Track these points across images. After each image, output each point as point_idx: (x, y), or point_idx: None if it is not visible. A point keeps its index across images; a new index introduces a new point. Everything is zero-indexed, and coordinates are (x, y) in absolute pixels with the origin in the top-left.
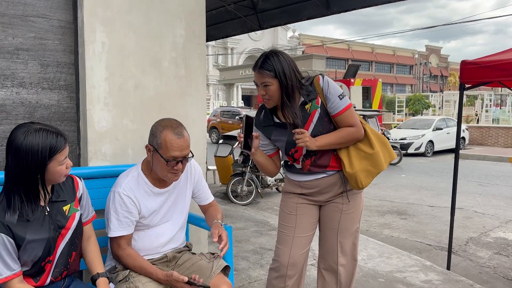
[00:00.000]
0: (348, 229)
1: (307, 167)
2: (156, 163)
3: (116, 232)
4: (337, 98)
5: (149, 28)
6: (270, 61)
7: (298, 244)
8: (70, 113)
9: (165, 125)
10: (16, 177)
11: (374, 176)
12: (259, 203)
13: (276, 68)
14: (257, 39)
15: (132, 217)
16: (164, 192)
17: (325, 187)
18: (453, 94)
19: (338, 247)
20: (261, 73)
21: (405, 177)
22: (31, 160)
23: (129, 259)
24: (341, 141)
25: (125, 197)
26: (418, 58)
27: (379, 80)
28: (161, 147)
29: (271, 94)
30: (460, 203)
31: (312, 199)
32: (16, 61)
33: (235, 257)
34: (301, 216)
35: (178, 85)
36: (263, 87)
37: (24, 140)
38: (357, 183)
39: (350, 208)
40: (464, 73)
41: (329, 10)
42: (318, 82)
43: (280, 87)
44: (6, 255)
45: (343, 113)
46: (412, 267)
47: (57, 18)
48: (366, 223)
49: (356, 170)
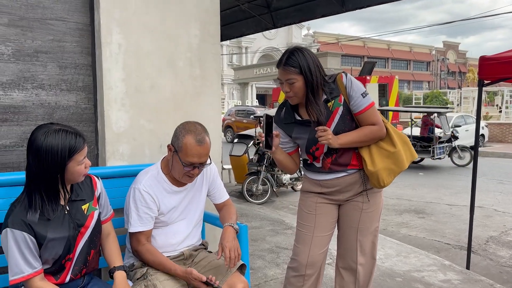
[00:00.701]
0: (367, 228)
1: (327, 166)
2: (175, 164)
3: (136, 228)
4: (360, 96)
5: (164, 28)
6: (295, 57)
7: (317, 244)
8: (88, 114)
9: (189, 130)
10: (37, 177)
11: (396, 175)
12: (274, 202)
13: (302, 64)
14: (272, 38)
15: (151, 213)
16: (182, 190)
17: (345, 186)
18: (471, 91)
19: (357, 246)
20: (286, 69)
21: (423, 175)
22: (51, 160)
23: (148, 254)
24: (364, 139)
25: (145, 194)
26: (435, 54)
27: (395, 77)
28: (181, 150)
29: (296, 91)
30: (480, 202)
31: (332, 198)
32: (36, 64)
33: (251, 256)
34: (320, 215)
35: (193, 85)
36: (288, 84)
37: (44, 140)
38: (378, 182)
39: (370, 206)
40: (482, 69)
41: (343, 7)
42: (341, 79)
43: (305, 83)
44: (28, 254)
45: (365, 111)
46: (430, 266)
47: (74, 20)
48: (384, 222)
49: (378, 169)
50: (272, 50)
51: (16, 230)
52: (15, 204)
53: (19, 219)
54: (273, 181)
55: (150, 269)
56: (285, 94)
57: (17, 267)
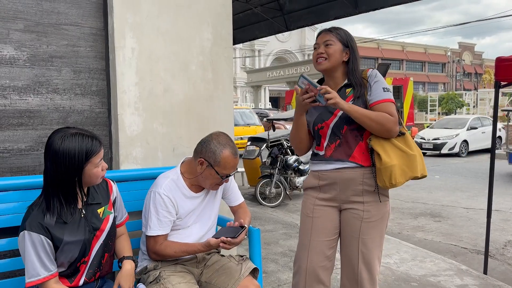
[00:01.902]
0: (370, 239)
1: (329, 152)
2: (208, 176)
3: (156, 231)
4: (381, 89)
5: (177, 32)
6: (342, 30)
7: (315, 249)
8: (102, 117)
9: (225, 144)
10: (54, 181)
11: (407, 179)
12: (287, 205)
13: (346, 36)
14: (284, 41)
15: (171, 217)
16: (199, 196)
17: (343, 180)
18: (488, 92)
19: (359, 257)
20: (327, 33)
21: (439, 178)
22: (68, 163)
23: (168, 249)
24: (373, 118)
25: (166, 198)
26: (450, 55)
27: (410, 78)
28: (219, 165)
29: (330, 52)
30: (497, 205)
31: (329, 198)
32: (50, 68)
33: (264, 259)
34: (317, 219)
35: (205, 89)
36: (324, 46)
37: (62, 144)
38: (390, 178)
39: (371, 216)
40: (499, 70)
41: (357, 9)
42: (367, 72)
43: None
44: (44, 256)
45: (383, 103)
46: (447, 271)
47: (88, 25)
48: (399, 225)
49: (395, 164)
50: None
51: (34, 232)
52: (33, 207)
53: (37, 222)
54: (286, 184)
55: (162, 272)
56: (316, 57)
57: (34, 269)
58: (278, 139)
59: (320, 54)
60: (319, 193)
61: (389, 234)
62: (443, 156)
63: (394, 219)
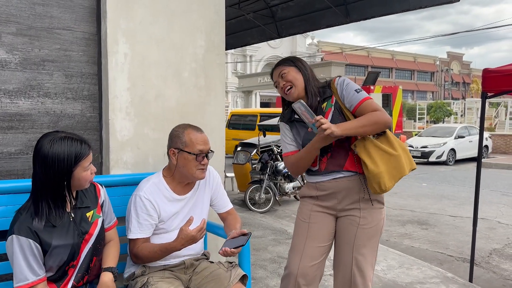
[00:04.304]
0: (365, 246)
1: (323, 166)
2: (184, 163)
3: (136, 234)
4: (354, 92)
5: (170, 39)
6: (285, 59)
7: (308, 254)
8: (93, 122)
9: (185, 126)
10: (44, 185)
11: (397, 180)
12: (277, 211)
13: (291, 59)
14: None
15: (152, 220)
16: (183, 199)
17: (341, 189)
18: (475, 102)
19: (353, 264)
20: (276, 69)
21: (426, 186)
22: (58, 167)
23: (144, 249)
24: (365, 123)
25: (146, 200)
26: (439, 64)
27: (399, 87)
28: (187, 144)
29: (290, 79)
30: (483, 213)
31: (327, 206)
32: (42, 72)
33: (253, 265)
34: (314, 224)
35: (197, 95)
36: (281, 78)
37: (51, 148)
38: (379, 185)
39: (367, 223)
40: (486, 81)
41: (348, 18)
42: (334, 82)
43: (300, 72)
44: (32, 261)
45: (362, 104)
46: (433, 278)
47: (81, 30)
48: (386, 233)
49: (382, 171)
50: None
51: (22, 237)
52: (21, 211)
53: (25, 226)
54: (276, 189)
55: (150, 279)
56: (282, 91)
57: (22, 274)
58: (269, 145)
59: (284, 85)
60: (317, 201)
61: None
62: (431, 164)
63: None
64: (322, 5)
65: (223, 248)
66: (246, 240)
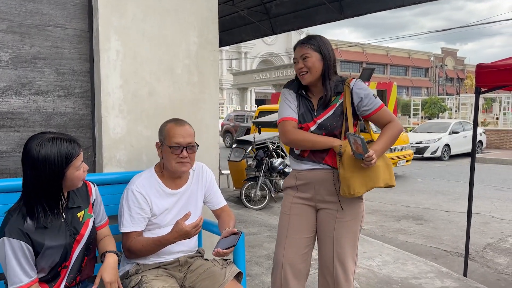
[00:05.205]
0: (344, 238)
1: (306, 153)
2: (165, 157)
3: (129, 228)
4: (372, 97)
5: (163, 36)
6: (313, 38)
7: (291, 245)
8: (85, 120)
9: (170, 120)
10: (36, 188)
11: (369, 189)
12: (272, 207)
13: (319, 43)
14: (271, 44)
15: (144, 213)
16: (175, 193)
17: (318, 181)
18: (469, 97)
19: (334, 257)
20: (302, 46)
21: (421, 181)
22: (49, 169)
23: (137, 243)
24: (392, 141)
25: (138, 194)
26: (433, 60)
27: (394, 83)
28: (165, 137)
29: (310, 66)
30: (477, 208)
31: (306, 197)
32: (33, 70)
33: (248, 262)
34: (294, 216)
35: (191, 92)
36: (302, 60)
37: (40, 151)
38: (349, 189)
39: (345, 216)
40: (480, 76)
41: (342, 14)
42: (350, 81)
43: (322, 60)
44: (25, 263)
45: (381, 110)
46: (428, 273)
47: (72, 27)
48: (381, 228)
49: (350, 176)
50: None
51: (13, 239)
52: (11, 212)
53: (16, 228)
54: (272, 186)
55: (144, 277)
56: (298, 72)
57: (16, 276)
58: (264, 142)
59: (300, 69)
60: (296, 192)
61: (371, 237)
62: (426, 159)
63: (376, 222)
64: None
65: (216, 249)
66: (237, 240)
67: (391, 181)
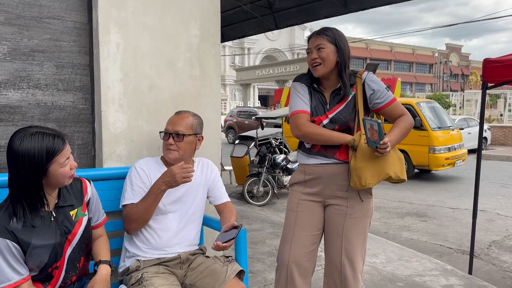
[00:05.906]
0: (353, 235)
1: (317, 147)
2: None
3: (129, 200)
4: (385, 90)
5: (163, 28)
6: (331, 30)
7: (298, 243)
8: (85, 114)
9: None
10: (17, 184)
11: (380, 180)
12: (275, 204)
13: (335, 36)
14: (274, 39)
15: (145, 187)
16: None
17: (328, 176)
18: (474, 93)
19: (342, 253)
20: (318, 36)
21: (425, 178)
22: (28, 165)
23: (134, 207)
24: (405, 134)
25: (139, 169)
26: (438, 56)
27: (398, 79)
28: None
29: (324, 56)
30: (482, 205)
31: (314, 193)
32: (32, 63)
33: (251, 259)
34: (301, 213)
35: (192, 86)
36: (316, 50)
37: (20, 145)
38: (360, 180)
39: (354, 212)
40: (486, 71)
41: (346, 8)
42: (362, 73)
43: (338, 53)
44: (13, 261)
45: (393, 103)
46: (432, 271)
47: (72, 19)
48: (385, 225)
49: (365, 165)
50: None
51: None
52: None
53: (2, 226)
54: (274, 182)
55: (145, 274)
56: (311, 63)
57: (4, 275)
58: (267, 138)
59: (314, 59)
60: (304, 188)
61: (375, 234)
62: None
63: (380, 219)
64: None
65: (215, 242)
66: (237, 233)
67: (403, 174)
